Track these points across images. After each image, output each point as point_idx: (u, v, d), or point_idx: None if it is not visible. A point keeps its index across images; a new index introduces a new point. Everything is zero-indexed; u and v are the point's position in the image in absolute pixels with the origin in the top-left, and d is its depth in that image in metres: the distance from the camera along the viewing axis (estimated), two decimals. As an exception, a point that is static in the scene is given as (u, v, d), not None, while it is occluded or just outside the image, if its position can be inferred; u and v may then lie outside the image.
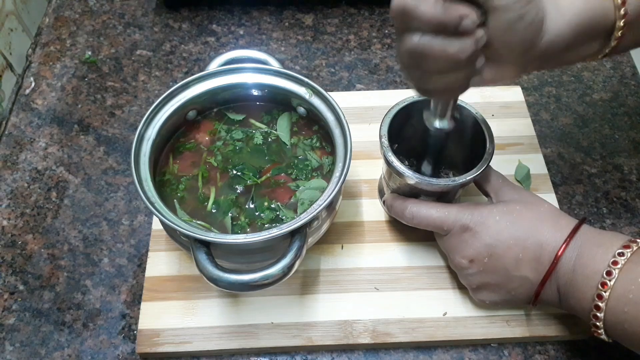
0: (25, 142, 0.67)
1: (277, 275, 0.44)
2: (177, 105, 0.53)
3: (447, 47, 0.37)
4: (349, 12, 0.80)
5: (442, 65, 0.39)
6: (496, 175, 0.52)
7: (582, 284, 0.44)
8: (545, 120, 0.69)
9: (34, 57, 0.75)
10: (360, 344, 0.52)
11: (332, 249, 0.57)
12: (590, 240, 0.45)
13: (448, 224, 0.49)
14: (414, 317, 0.53)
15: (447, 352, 0.53)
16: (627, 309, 0.41)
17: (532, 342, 0.53)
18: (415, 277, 0.56)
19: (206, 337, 0.52)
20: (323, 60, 0.75)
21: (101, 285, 0.57)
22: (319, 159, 0.55)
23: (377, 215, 0.60)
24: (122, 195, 0.63)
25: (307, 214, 0.46)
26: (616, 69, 0.74)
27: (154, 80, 0.73)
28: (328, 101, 0.53)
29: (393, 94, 0.69)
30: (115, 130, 0.68)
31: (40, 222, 0.61)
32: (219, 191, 0.53)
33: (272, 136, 0.57)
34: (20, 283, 0.57)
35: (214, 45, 0.77)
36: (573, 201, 0.62)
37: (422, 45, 0.38)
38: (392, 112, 0.52)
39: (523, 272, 0.47)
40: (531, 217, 0.48)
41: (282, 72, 0.55)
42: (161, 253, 0.57)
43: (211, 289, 0.54)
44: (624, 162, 0.65)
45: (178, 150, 0.56)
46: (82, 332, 0.54)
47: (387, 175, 0.54)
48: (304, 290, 0.55)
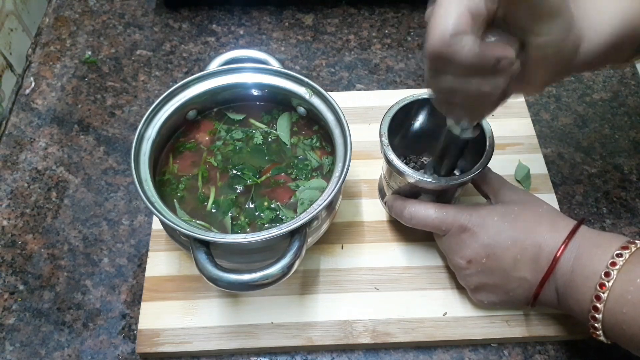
0: (25, 142, 0.67)
1: (277, 275, 0.44)
2: (177, 105, 0.53)
3: (481, 87, 0.36)
4: (349, 12, 0.80)
5: (475, 101, 0.38)
6: (495, 177, 0.52)
7: (580, 285, 0.44)
8: (545, 120, 0.69)
9: (34, 57, 0.75)
10: (360, 344, 0.52)
11: (332, 249, 0.57)
12: (588, 242, 0.45)
13: (446, 225, 0.49)
14: (414, 317, 0.53)
15: (447, 352, 0.53)
16: (625, 310, 0.41)
17: (532, 342, 0.53)
18: (415, 277, 0.56)
19: (206, 337, 0.52)
20: (323, 60, 0.75)
21: (101, 285, 0.57)
22: (319, 159, 0.55)
23: (377, 215, 0.60)
24: (122, 195, 0.63)
25: (306, 213, 0.46)
26: (616, 69, 0.74)
27: (154, 80, 0.73)
28: (328, 101, 0.53)
29: (393, 94, 0.68)
30: (115, 130, 0.68)
31: (40, 222, 0.61)
32: (218, 191, 0.53)
33: (272, 136, 0.57)
34: (20, 283, 0.57)
35: (214, 45, 0.77)
36: (573, 201, 0.62)
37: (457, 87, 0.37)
38: (392, 111, 0.52)
39: (521, 272, 0.47)
40: (530, 218, 0.48)
41: (282, 72, 0.55)
42: (161, 253, 0.57)
43: (211, 289, 0.54)
44: (624, 162, 0.65)
45: (178, 150, 0.56)
46: (82, 332, 0.54)
47: (388, 174, 0.54)
48: (304, 290, 0.55)
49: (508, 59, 0.35)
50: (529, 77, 0.39)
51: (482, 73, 0.36)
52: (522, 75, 0.38)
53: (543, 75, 0.39)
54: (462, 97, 0.38)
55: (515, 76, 0.38)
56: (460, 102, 0.39)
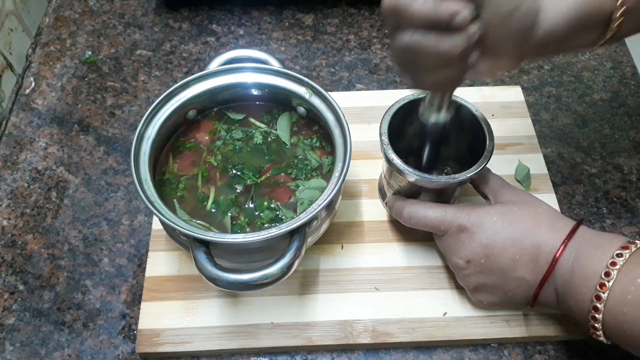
0: (25, 142, 0.67)
1: (276, 275, 0.44)
2: (177, 104, 0.53)
3: (440, 44, 0.37)
4: (349, 12, 0.80)
5: (435, 61, 0.39)
6: (494, 177, 0.52)
7: (580, 286, 0.44)
8: (545, 120, 0.69)
9: (34, 57, 0.75)
10: (360, 344, 0.52)
11: (332, 248, 0.57)
12: (588, 242, 0.45)
13: (445, 225, 0.49)
14: (414, 317, 0.53)
15: (447, 352, 0.53)
16: (625, 310, 0.41)
17: (532, 342, 0.53)
18: (415, 277, 0.56)
19: (206, 337, 0.52)
20: (323, 60, 0.75)
21: (101, 285, 0.57)
22: (319, 158, 0.55)
23: (377, 215, 0.60)
24: (122, 195, 0.63)
25: (306, 213, 0.46)
26: (616, 69, 0.74)
27: (154, 80, 0.73)
28: (328, 101, 0.53)
29: (393, 94, 0.68)
30: (115, 130, 0.68)
31: (40, 222, 0.61)
32: (218, 191, 0.53)
33: (272, 136, 0.57)
34: (20, 283, 0.57)
35: (214, 45, 0.77)
36: (573, 201, 0.62)
37: (414, 43, 0.38)
38: (392, 110, 0.52)
39: (520, 273, 0.47)
40: (529, 218, 0.48)
41: (282, 72, 0.55)
42: (161, 253, 0.57)
43: (211, 288, 0.54)
44: (624, 162, 0.65)
45: (178, 149, 0.56)
46: (82, 332, 0.54)
47: (388, 174, 0.54)
48: (304, 290, 0.55)
49: (462, 14, 0.36)
50: (490, 45, 0.40)
51: (439, 28, 0.36)
52: (484, 43, 0.39)
53: (505, 44, 0.40)
54: (421, 56, 0.38)
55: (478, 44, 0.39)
56: (421, 64, 0.39)
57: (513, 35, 0.40)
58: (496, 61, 0.42)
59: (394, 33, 0.39)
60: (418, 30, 0.37)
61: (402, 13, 0.37)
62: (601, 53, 0.75)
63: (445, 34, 0.37)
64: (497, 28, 0.39)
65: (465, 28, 0.37)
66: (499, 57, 0.42)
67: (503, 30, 0.39)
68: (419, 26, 0.37)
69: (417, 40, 0.37)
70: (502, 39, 0.40)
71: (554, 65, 0.74)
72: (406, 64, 0.40)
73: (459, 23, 0.36)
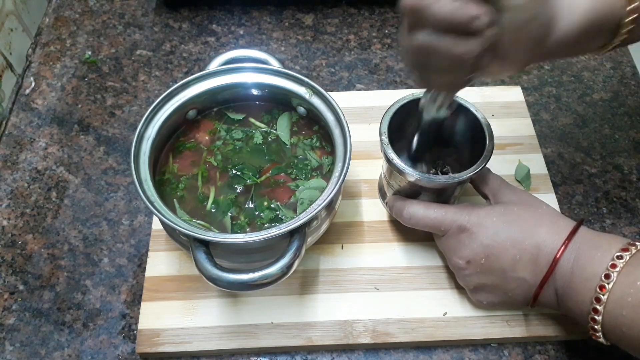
0: (25, 142, 0.67)
1: (276, 275, 0.44)
2: (177, 104, 0.53)
3: (455, 46, 0.37)
4: (349, 12, 0.80)
5: (448, 63, 0.38)
6: (494, 177, 0.52)
7: (580, 287, 0.44)
8: (545, 120, 0.69)
9: (34, 57, 0.75)
10: (360, 344, 0.52)
11: (332, 248, 0.57)
12: (588, 243, 0.45)
13: (445, 225, 0.49)
14: (414, 317, 0.53)
15: (447, 352, 0.53)
16: (625, 312, 0.41)
17: (532, 342, 0.53)
18: (415, 277, 0.56)
19: (206, 337, 0.52)
20: (323, 60, 0.75)
21: (101, 285, 0.57)
22: (319, 158, 0.55)
23: (377, 215, 0.60)
24: (122, 195, 0.63)
25: (306, 213, 0.46)
26: (616, 69, 0.74)
27: (154, 80, 0.73)
28: (328, 101, 0.53)
29: (393, 94, 0.68)
30: (115, 130, 0.68)
31: (40, 222, 0.61)
32: (218, 191, 0.53)
33: (272, 136, 0.57)
34: (20, 283, 0.57)
35: (214, 45, 0.77)
36: (573, 201, 0.62)
37: (430, 43, 0.37)
38: (392, 110, 0.52)
39: (520, 273, 0.47)
40: (529, 218, 0.48)
41: (282, 72, 0.55)
42: (161, 253, 0.57)
43: (211, 288, 0.54)
44: (624, 162, 0.65)
45: (178, 149, 0.56)
46: (82, 332, 0.54)
47: (388, 173, 0.54)
48: (304, 290, 0.55)
49: (482, 19, 0.36)
50: (504, 50, 0.39)
51: (456, 31, 0.36)
52: (497, 48, 0.39)
53: (518, 49, 0.40)
54: (435, 57, 0.38)
55: (491, 48, 0.38)
56: (433, 65, 0.39)
57: (528, 41, 0.40)
58: (505, 64, 0.42)
59: (409, 31, 0.38)
60: (434, 32, 0.37)
61: (422, 12, 0.36)
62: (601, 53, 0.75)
63: (461, 37, 0.36)
64: (514, 34, 0.39)
65: (483, 33, 0.37)
66: (509, 61, 0.42)
67: (519, 37, 0.39)
68: (436, 27, 0.36)
69: (433, 40, 0.37)
70: (516, 44, 0.40)
71: (554, 65, 0.74)
72: (417, 62, 0.40)
73: (477, 27, 0.36)
